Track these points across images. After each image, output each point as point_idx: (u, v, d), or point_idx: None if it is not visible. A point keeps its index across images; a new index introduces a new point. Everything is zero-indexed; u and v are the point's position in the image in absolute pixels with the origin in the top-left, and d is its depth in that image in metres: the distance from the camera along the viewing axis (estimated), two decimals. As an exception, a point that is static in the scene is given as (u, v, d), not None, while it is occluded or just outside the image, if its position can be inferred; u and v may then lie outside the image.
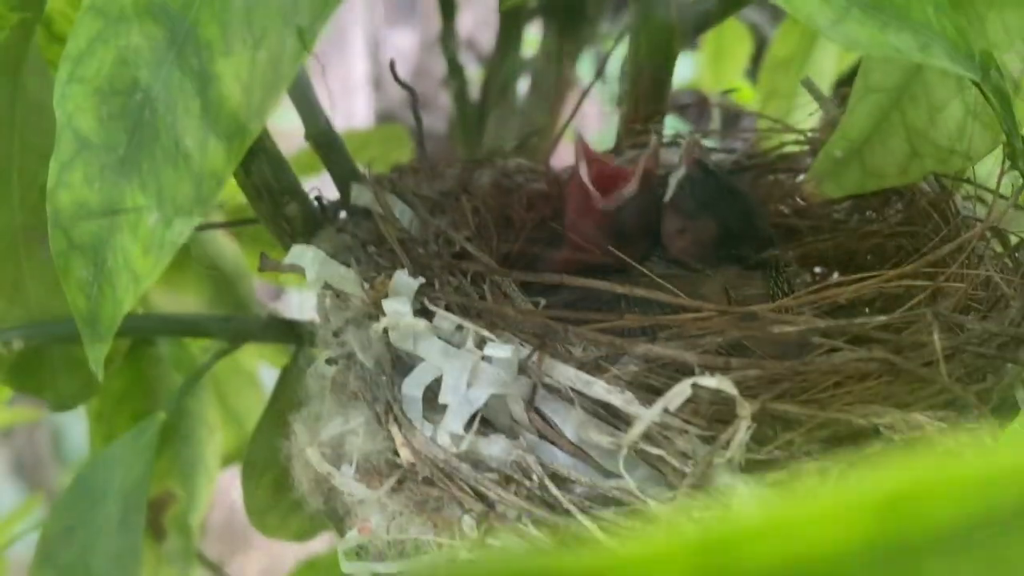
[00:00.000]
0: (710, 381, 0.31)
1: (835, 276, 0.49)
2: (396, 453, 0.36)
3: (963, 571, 0.15)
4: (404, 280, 0.35)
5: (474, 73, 0.77)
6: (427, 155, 0.45)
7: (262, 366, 0.65)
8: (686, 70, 1.39)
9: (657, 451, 0.33)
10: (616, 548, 0.13)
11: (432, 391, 0.35)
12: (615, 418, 0.34)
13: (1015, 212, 0.41)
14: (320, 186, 0.44)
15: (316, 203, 0.42)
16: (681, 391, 0.31)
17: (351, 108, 1.91)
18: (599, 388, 0.34)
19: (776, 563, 0.13)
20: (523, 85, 0.72)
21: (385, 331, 0.36)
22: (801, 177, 0.47)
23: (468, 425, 0.34)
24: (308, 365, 0.41)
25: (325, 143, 0.45)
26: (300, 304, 0.47)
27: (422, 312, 0.36)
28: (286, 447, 0.40)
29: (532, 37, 0.74)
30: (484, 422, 0.36)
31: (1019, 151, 0.36)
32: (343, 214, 0.43)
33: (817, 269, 0.50)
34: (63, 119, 0.33)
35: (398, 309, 0.34)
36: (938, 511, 0.13)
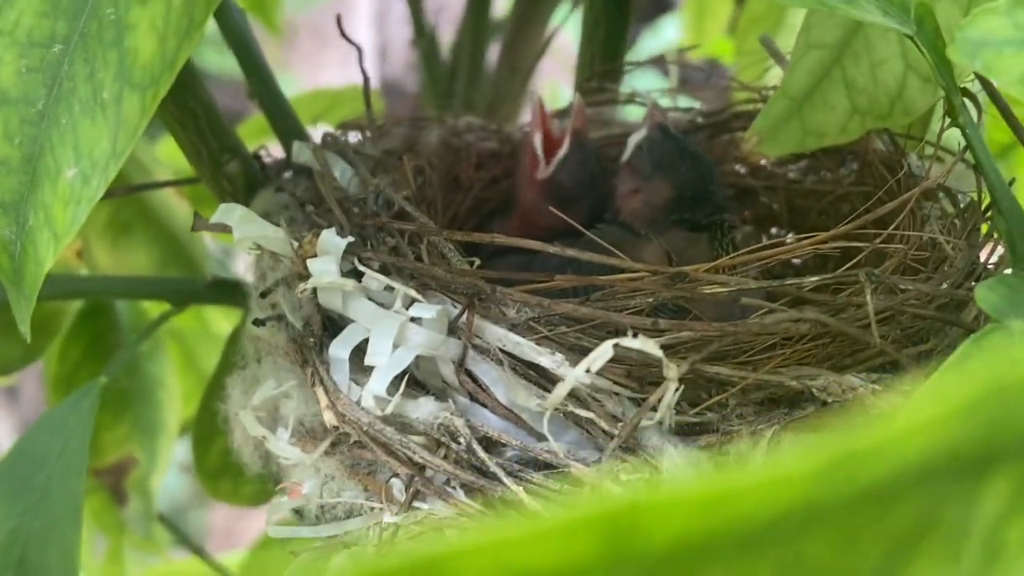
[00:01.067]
0: (633, 342, 0.31)
1: (790, 238, 0.48)
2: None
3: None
4: (331, 239, 0.35)
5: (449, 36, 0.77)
6: (373, 113, 0.45)
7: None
8: (673, 31, 1.38)
9: (587, 414, 0.33)
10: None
11: (361, 353, 0.34)
12: (546, 380, 0.34)
13: (964, 171, 0.40)
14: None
15: (256, 162, 0.42)
16: (604, 352, 0.31)
17: (356, 77, 1.89)
18: (528, 349, 0.34)
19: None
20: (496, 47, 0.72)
21: (315, 292, 0.35)
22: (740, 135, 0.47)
23: (397, 387, 0.34)
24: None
25: (270, 101, 0.44)
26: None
27: (354, 273, 0.35)
28: (223, 410, 0.39)
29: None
30: (416, 385, 0.35)
31: (958, 106, 0.35)
32: (288, 173, 0.43)
33: (773, 231, 0.50)
34: (-20, 72, 0.32)
35: (324, 268, 0.34)
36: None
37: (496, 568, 0.12)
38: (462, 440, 0.33)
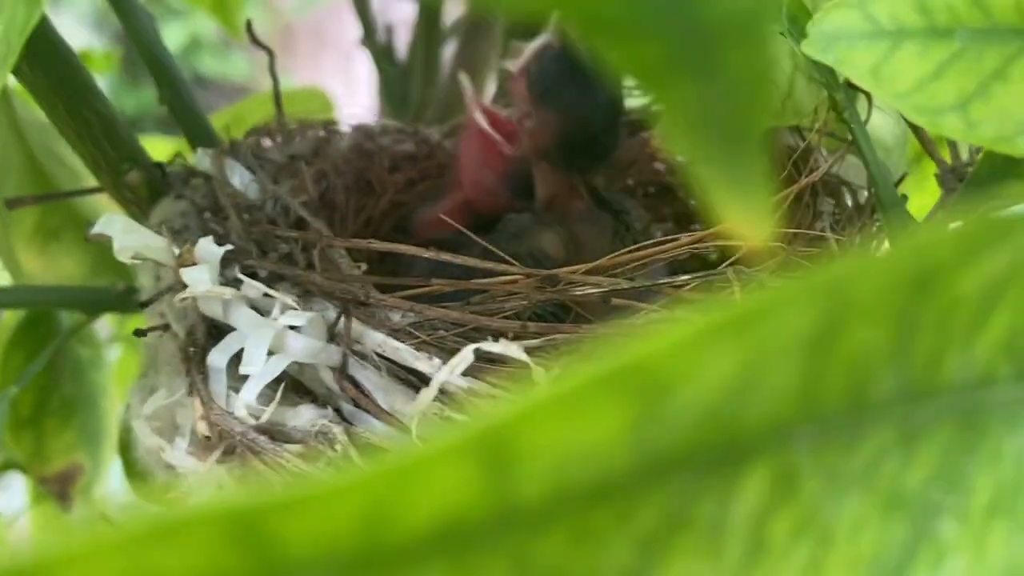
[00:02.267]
0: (494, 346, 0.31)
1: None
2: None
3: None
4: (208, 247, 0.35)
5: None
6: (283, 118, 0.45)
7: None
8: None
9: (463, 417, 0.33)
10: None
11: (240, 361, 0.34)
12: (425, 384, 0.34)
13: (859, 166, 0.40)
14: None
15: (159, 170, 0.42)
16: (465, 357, 0.31)
17: (352, 74, 1.90)
18: (406, 354, 0.34)
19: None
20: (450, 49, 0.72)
21: (195, 300, 0.35)
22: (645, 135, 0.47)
23: (274, 396, 0.34)
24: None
25: (179, 106, 0.44)
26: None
27: (236, 282, 0.35)
28: (124, 420, 0.40)
29: None
30: (303, 392, 0.35)
31: (840, 101, 0.35)
32: (193, 181, 0.43)
33: (695, 227, 0.49)
34: None
35: (199, 277, 0.34)
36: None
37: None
38: (338, 447, 0.33)
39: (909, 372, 0.17)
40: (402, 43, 0.72)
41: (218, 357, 0.34)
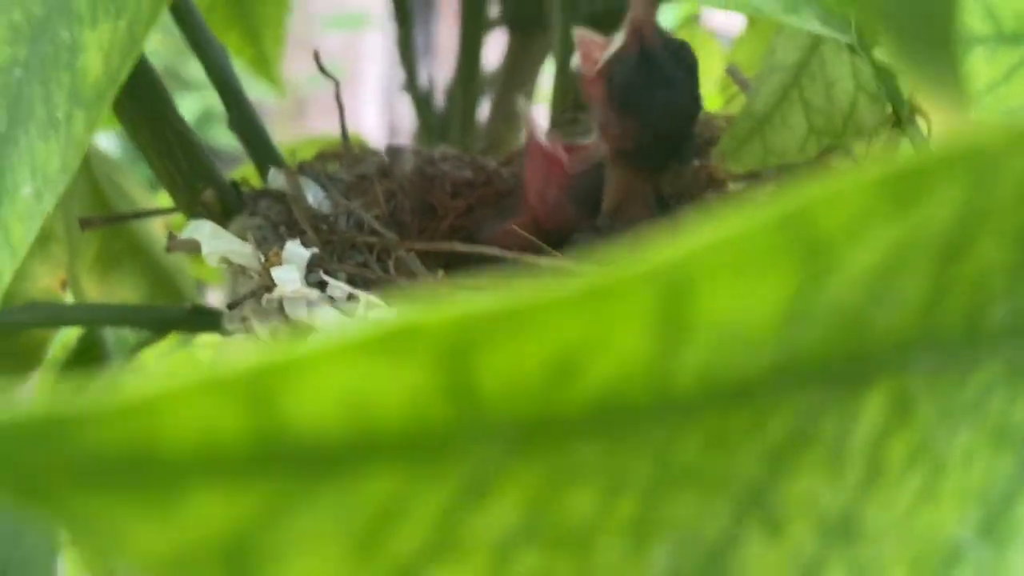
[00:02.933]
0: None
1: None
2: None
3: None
4: (295, 250, 0.36)
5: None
6: (349, 143, 0.46)
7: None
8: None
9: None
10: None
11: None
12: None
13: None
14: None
15: (233, 189, 0.43)
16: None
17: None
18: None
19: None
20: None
21: (282, 303, 0.36)
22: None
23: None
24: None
25: (247, 130, 0.46)
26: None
27: (320, 284, 0.36)
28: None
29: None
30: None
31: (903, 116, 0.36)
32: (263, 201, 0.44)
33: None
34: (-51, 98, 0.33)
35: (288, 277, 0.35)
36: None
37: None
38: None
39: (1020, 304, 0.18)
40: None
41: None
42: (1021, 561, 0.19)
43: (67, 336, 0.52)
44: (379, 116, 2.40)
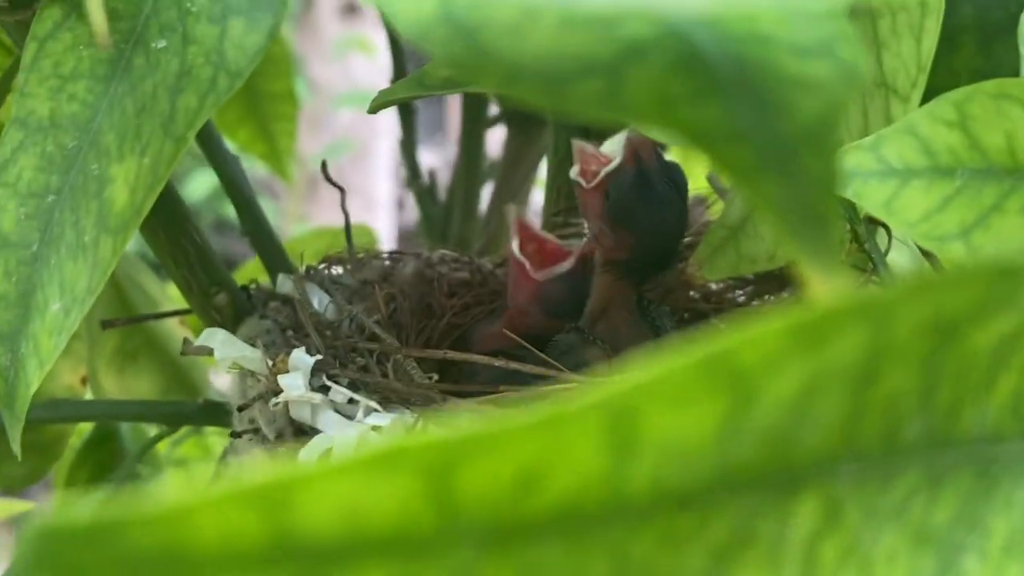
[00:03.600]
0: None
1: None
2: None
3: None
4: (300, 357, 0.39)
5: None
6: (353, 248, 0.49)
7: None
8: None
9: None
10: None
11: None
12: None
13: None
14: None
15: (244, 292, 0.46)
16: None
17: (373, 222, 1.97)
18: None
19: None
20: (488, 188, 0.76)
21: (287, 406, 0.39)
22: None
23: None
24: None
25: (259, 238, 0.49)
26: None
27: (324, 389, 0.39)
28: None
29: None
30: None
31: (861, 234, 0.39)
32: (273, 303, 0.47)
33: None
34: (-12, 220, 0.37)
35: (293, 383, 0.38)
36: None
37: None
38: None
39: (933, 420, 0.20)
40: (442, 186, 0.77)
41: (307, 455, 0.38)
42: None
43: (84, 425, 0.55)
44: (391, 192, 2.44)
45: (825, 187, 0.16)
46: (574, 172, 0.45)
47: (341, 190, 0.51)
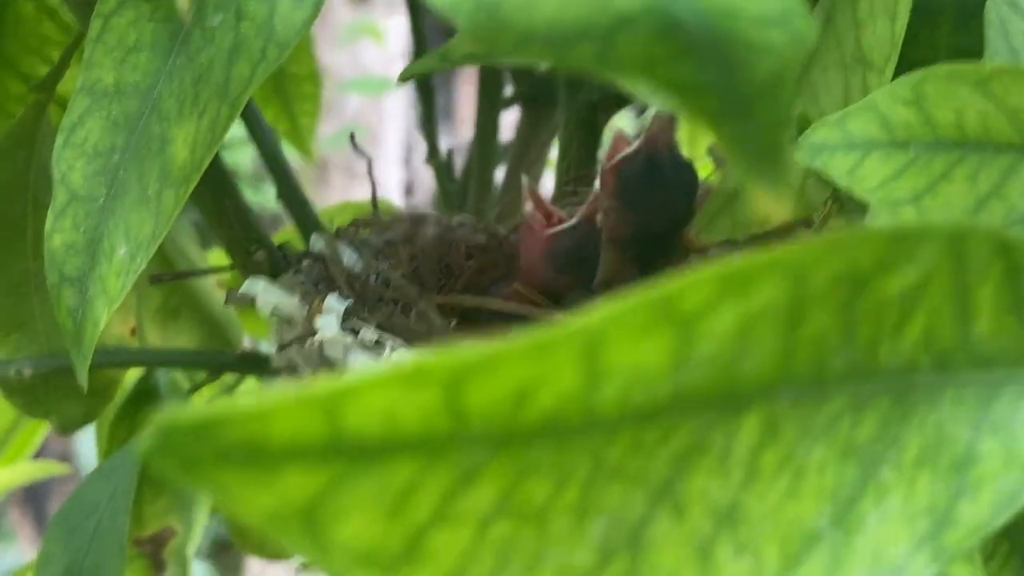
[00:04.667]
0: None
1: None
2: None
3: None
4: (334, 302, 0.43)
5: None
6: (379, 213, 0.53)
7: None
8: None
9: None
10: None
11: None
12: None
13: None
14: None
15: (280, 251, 0.50)
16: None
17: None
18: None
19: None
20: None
21: (322, 346, 0.43)
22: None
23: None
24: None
25: (293, 201, 0.53)
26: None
27: (353, 332, 0.43)
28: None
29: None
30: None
31: (842, 197, 0.43)
32: (305, 261, 0.51)
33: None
34: (58, 176, 0.41)
35: (327, 324, 0.42)
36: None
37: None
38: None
39: (855, 355, 0.22)
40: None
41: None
42: (864, 544, 0.25)
43: (126, 383, 0.60)
44: (400, 177, 2.47)
45: (776, 128, 0.21)
46: (602, 154, 0.49)
47: (368, 159, 0.55)
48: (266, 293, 0.44)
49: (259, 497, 0.19)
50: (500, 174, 0.79)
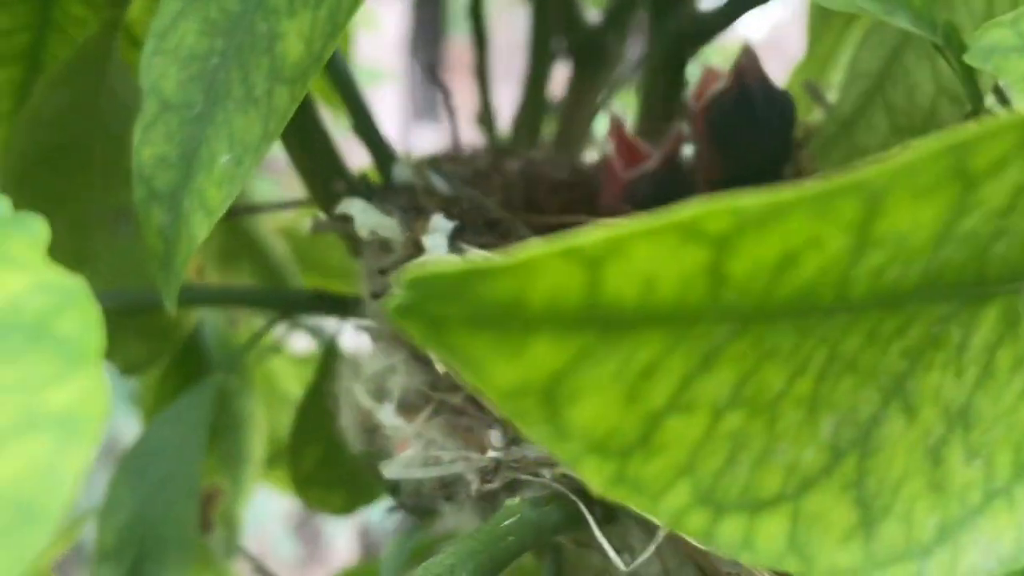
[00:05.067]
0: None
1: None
2: (431, 387, 0.41)
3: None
4: (441, 221, 0.40)
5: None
6: (459, 145, 0.51)
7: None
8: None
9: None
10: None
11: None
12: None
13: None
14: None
15: (362, 182, 0.48)
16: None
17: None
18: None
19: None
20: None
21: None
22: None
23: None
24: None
25: (367, 133, 0.51)
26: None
27: (459, 252, 0.41)
28: (333, 390, 0.45)
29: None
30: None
31: (981, 113, 0.41)
32: (390, 192, 0.49)
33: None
34: (148, 85, 0.38)
35: (436, 243, 0.39)
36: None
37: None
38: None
39: None
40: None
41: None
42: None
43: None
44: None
45: None
46: (688, 95, 0.47)
47: (445, 91, 0.52)
48: (365, 214, 0.41)
49: (505, 370, 0.17)
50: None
